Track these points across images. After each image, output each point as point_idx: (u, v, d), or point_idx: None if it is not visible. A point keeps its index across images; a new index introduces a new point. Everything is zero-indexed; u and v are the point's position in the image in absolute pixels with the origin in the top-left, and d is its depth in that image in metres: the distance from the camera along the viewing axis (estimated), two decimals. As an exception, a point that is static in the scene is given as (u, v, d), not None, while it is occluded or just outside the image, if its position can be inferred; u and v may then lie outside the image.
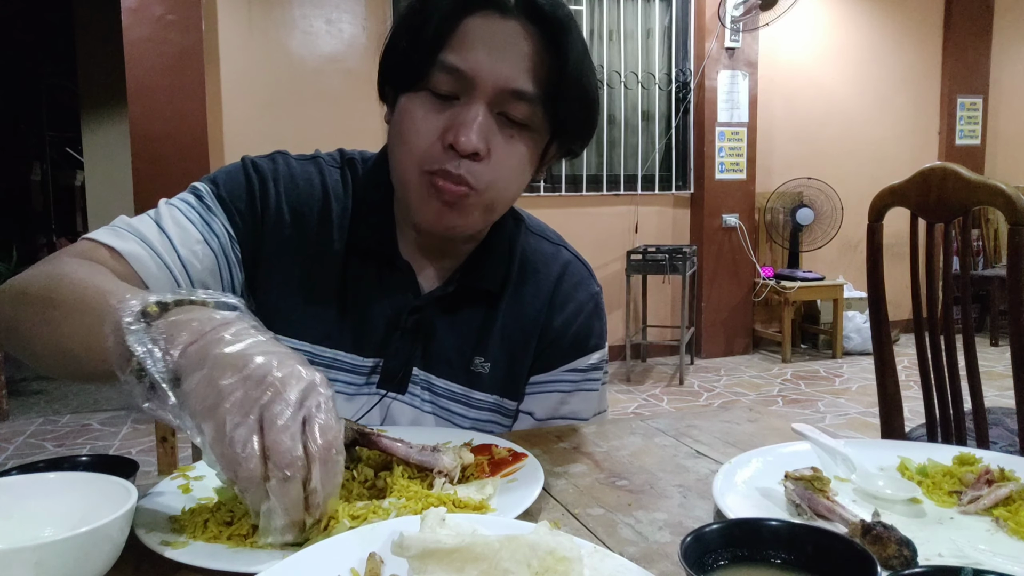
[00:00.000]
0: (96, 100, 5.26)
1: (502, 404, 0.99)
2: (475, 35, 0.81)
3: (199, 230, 0.87)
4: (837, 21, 5.54)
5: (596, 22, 5.01)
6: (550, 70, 0.83)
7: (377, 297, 0.94)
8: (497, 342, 0.98)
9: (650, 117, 5.19)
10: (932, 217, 1.40)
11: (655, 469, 0.80)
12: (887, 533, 0.54)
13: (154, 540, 0.60)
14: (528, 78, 0.82)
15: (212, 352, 0.57)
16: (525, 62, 0.82)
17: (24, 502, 0.58)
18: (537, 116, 0.85)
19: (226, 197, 0.91)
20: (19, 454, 3.47)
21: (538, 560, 0.47)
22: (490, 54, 0.81)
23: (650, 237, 5.22)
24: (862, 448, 0.78)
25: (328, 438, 0.56)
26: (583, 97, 0.86)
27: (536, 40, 0.83)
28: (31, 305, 0.73)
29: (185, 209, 0.88)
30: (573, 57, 0.83)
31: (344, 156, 1.00)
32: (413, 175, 0.85)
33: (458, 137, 0.81)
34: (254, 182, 0.92)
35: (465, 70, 0.81)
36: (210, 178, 0.93)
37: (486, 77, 0.81)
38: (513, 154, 0.86)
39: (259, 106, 4.32)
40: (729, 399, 4.30)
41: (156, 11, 3.79)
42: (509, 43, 0.82)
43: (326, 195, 0.95)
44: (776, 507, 0.66)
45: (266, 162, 0.95)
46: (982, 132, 5.91)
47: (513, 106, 0.83)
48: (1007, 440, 1.55)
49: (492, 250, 0.98)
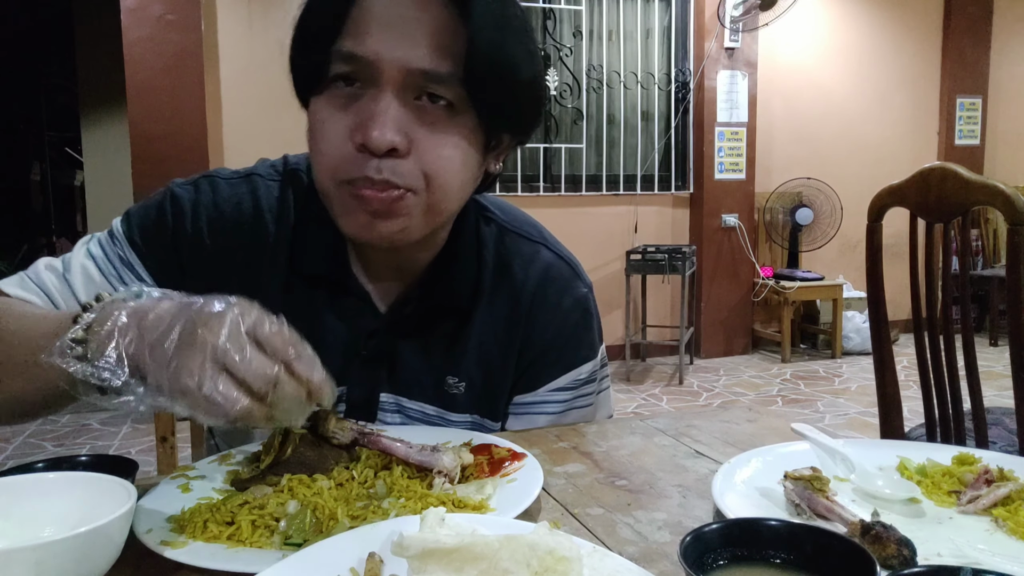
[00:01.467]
0: (95, 100, 5.26)
1: (483, 424, 0.92)
2: (371, 16, 0.71)
3: (108, 279, 0.83)
4: (837, 21, 5.54)
5: (595, 22, 5.01)
6: (463, 45, 0.71)
7: (330, 324, 0.86)
8: (472, 360, 0.89)
9: (649, 117, 5.20)
10: (931, 217, 1.40)
11: (654, 469, 0.80)
12: (886, 533, 0.54)
13: (153, 540, 0.60)
14: (437, 55, 0.71)
15: (146, 341, 0.57)
16: (433, 38, 0.71)
17: (24, 502, 0.58)
18: (461, 97, 0.73)
19: (137, 239, 0.85)
20: (19, 454, 3.47)
21: (537, 560, 0.47)
22: (389, 33, 0.70)
23: (649, 237, 5.22)
24: (861, 448, 0.78)
25: (282, 339, 0.57)
26: (502, 71, 0.73)
27: (441, 12, 0.71)
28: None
29: (98, 255, 0.84)
30: (480, 24, 0.70)
31: (287, 167, 0.91)
32: (331, 187, 0.76)
33: (367, 133, 0.70)
34: (167, 217, 0.85)
35: (362, 55, 0.71)
36: (125, 217, 0.87)
37: (388, 60, 0.70)
38: (443, 144, 0.74)
39: (258, 106, 4.31)
40: (728, 399, 4.30)
41: (156, 11, 3.79)
42: (410, 18, 0.71)
43: (258, 218, 0.86)
44: (775, 507, 0.66)
45: (187, 193, 0.86)
46: (981, 132, 5.91)
47: (429, 89, 0.72)
48: (1006, 440, 1.55)
49: (456, 258, 0.88)
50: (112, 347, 0.57)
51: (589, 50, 5.00)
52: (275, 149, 1.01)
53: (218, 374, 0.54)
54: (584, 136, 5.04)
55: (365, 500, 0.67)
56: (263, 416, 0.56)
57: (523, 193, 4.91)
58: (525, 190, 4.93)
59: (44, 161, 8.84)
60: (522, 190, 4.91)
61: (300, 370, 0.57)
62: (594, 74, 5.03)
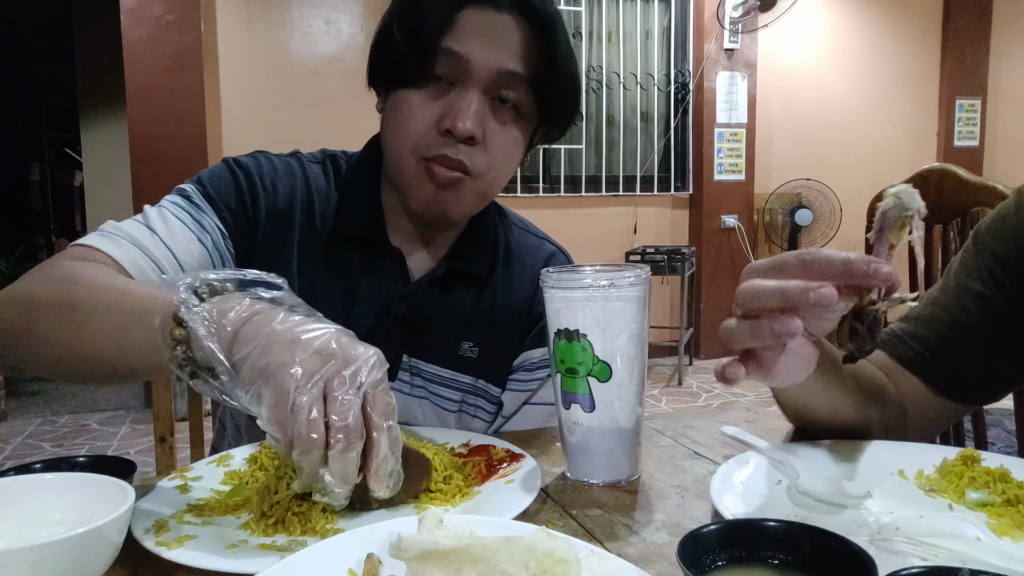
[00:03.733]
0: (95, 100, 5.25)
1: (488, 390, 1.02)
2: (471, 25, 0.86)
3: (190, 229, 0.89)
4: (836, 22, 5.54)
5: (595, 23, 5.01)
6: (539, 59, 0.88)
7: (366, 284, 0.96)
8: (485, 327, 1.01)
9: (649, 118, 5.20)
10: (931, 218, 1.40)
11: (653, 469, 0.80)
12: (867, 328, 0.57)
13: (152, 541, 0.60)
14: (520, 63, 0.87)
15: (268, 326, 0.59)
16: (517, 49, 0.87)
17: (22, 503, 0.58)
18: (527, 102, 0.90)
19: (214, 195, 0.92)
20: (17, 454, 3.47)
21: (536, 562, 0.47)
22: (485, 41, 0.86)
23: (649, 238, 5.22)
24: (813, 450, 0.78)
25: (387, 412, 0.59)
26: (570, 84, 0.92)
27: (526, 32, 0.88)
28: (44, 310, 0.72)
29: (174, 210, 0.90)
30: (562, 47, 0.89)
31: (326, 153, 1.03)
32: (409, 161, 0.89)
33: (455, 123, 0.85)
34: (240, 179, 0.94)
35: (462, 53, 0.85)
36: (195, 179, 0.94)
37: (481, 62, 0.86)
38: (507, 139, 0.90)
39: (258, 106, 4.32)
40: (728, 400, 4.30)
41: (155, 11, 3.80)
42: (502, 33, 0.87)
43: (308, 187, 0.98)
44: (774, 508, 0.66)
45: (248, 160, 0.97)
46: (981, 133, 5.91)
47: (506, 90, 0.88)
48: (1005, 441, 1.56)
49: (477, 236, 1.02)
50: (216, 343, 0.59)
51: (589, 51, 5.00)
52: (274, 149, 1.02)
53: (320, 394, 0.56)
54: (584, 137, 5.04)
55: None
56: (315, 460, 0.56)
57: (523, 194, 4.91)
58: (524, 191, 4.93)
59: (43, 161, 8.85)
60: (521, 191, 4.91)
61: (383, 444, 0.58)
62: (593, 75, 5.03)
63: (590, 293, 0.72)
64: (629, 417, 0.75)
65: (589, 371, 0.73)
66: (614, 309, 0.72)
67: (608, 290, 0.72)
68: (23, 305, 0.74)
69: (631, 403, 0.74)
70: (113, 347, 0.67)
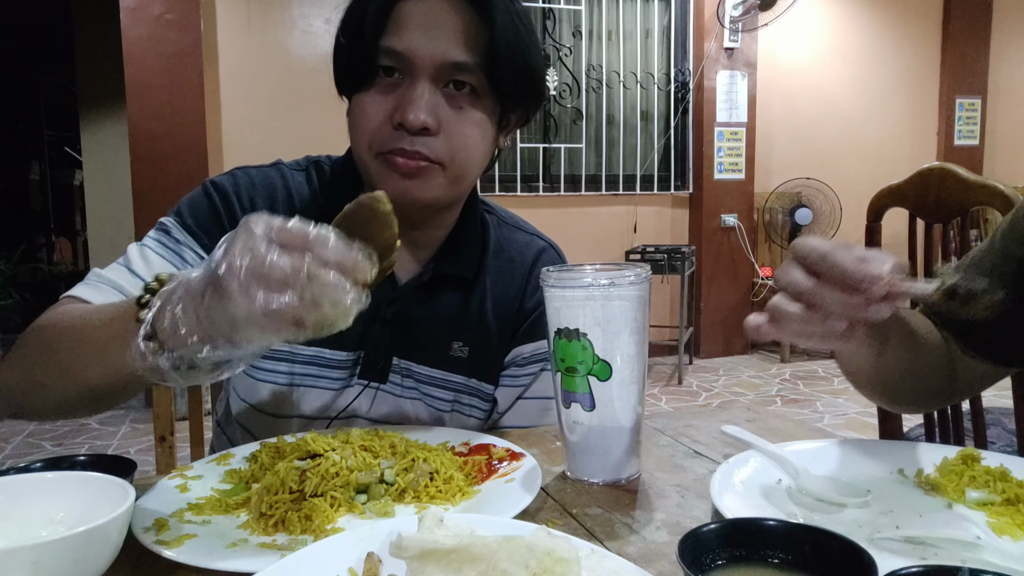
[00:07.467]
0: (95, 99, 5.25)
1: (481, 388, 1.02)
2: (409, 19, 0.86)
3: (170, 263, 0.90)
4: (836, 21, 5.54)
5: (595, 22, 5.01)
6: (484, 42, 0.87)
7: None
8: (475, 326, 1.01)
9: (649, 117, 5.20)
10: (931, 217, 1.40)
11: (653, 469, 0.80)
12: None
13: (152, 539, 0.60)
14: (463, 49, 0.86)
15: (208, 267, 0.56)
16: (459, 35, 0.86)
17: (22, 502, 0.58)
18: (482, 84, 0.88)
19: (192, 224, 0.93)
20: (17, 453, 3.47)
21: (536, 561, 0.47)
22: (424, 33, 0.85)
23: (649, 237, 5.22)
24: (812, 449, 0.78)
25: (297, 231, 0.55)
26: (518, 61, 0.89)
27: (467, 16, 0.86)
28: (34, 358, 0.76)
29: (155, 246, 0.92)
30: (501, 23, 0.86)
31: (310, 160, 1.04)
32: (369, 158, 0.90)
33: (405, 115, 0.85)
34: (216, 201, 0.95)
35: (402, 50, 0.85)
36: (175, 210, 0.95)
37: (424, 55, 0.85)
38: (466, 123, 0.89)
39: (258, 105, 4.31)
40: (728, 399, 4.30)
41: (155, 10, 3.79)
42: (441, 21, 0.86)
43: (289, 197, 0.98)
44: (774, 507, 0.66)
45: (226, 179, 0.98)
46: (981, 133, 5.91)
47: (456, 78, 0.87)
48: (1005, 440, 1.55)
49: (465, 236, 1.01)
50: (183, 329, 0.56)
51: (588, 50, 5.00)
52: (273, 148, 1.03)
53: (256, 287, 0.52)
54: (583, 136, 5.04)
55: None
56: (315, 318, 0.54)
57: (522, 193, 4.91)
58: (524, 190, 4.93)
59: (43, 160, 8.85)
60: (521, 190, 4.91)
61: (328, 255, 0.55)
62: (593, 74, 5.03)
63: (590, 292, 0.72)
64: (629, 416, 0.75)
65: (589, 370, 0.73)
66: (614, 308, 0.72)
67: (608, 289, 0.72)
68: (19, 366, 0.78)
69: (631, 402, 0.74)
70: (101, 369, 0.68)
